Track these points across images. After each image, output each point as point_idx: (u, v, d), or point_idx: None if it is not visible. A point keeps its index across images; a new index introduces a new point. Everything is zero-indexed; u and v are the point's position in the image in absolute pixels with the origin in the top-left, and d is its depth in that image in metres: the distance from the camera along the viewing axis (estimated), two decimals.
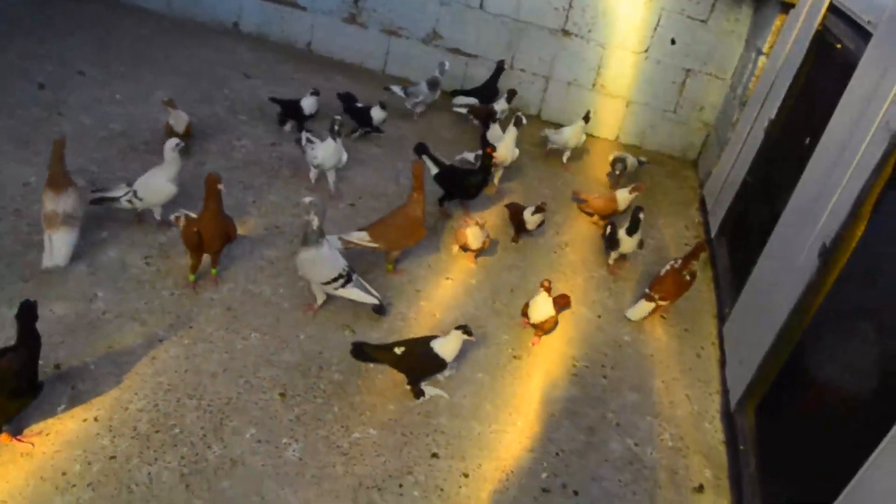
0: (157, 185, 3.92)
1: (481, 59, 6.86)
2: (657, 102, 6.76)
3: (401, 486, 2.88)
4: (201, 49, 6.62)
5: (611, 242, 4.64)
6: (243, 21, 7.20)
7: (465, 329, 3.24)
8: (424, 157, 4.72)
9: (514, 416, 3.38)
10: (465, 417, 3.30)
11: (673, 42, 6.46)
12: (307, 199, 3.53)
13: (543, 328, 3.76)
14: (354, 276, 3.63)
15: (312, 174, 4.76)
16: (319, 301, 3.69)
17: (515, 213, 4.68)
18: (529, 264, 4.57)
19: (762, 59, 5.65)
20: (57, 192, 3.56)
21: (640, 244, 4.61)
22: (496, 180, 5.37)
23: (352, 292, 3.62)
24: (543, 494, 3.01)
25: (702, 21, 6.35)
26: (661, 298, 4.21)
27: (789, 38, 5.10)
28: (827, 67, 4.35)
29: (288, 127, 5.50)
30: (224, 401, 3.06)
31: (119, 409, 2.91)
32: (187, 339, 3.33)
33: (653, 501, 3.10)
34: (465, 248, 4.34)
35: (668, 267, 4.28)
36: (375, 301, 3.66)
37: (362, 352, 3.28)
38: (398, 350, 3.25)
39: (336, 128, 4.56)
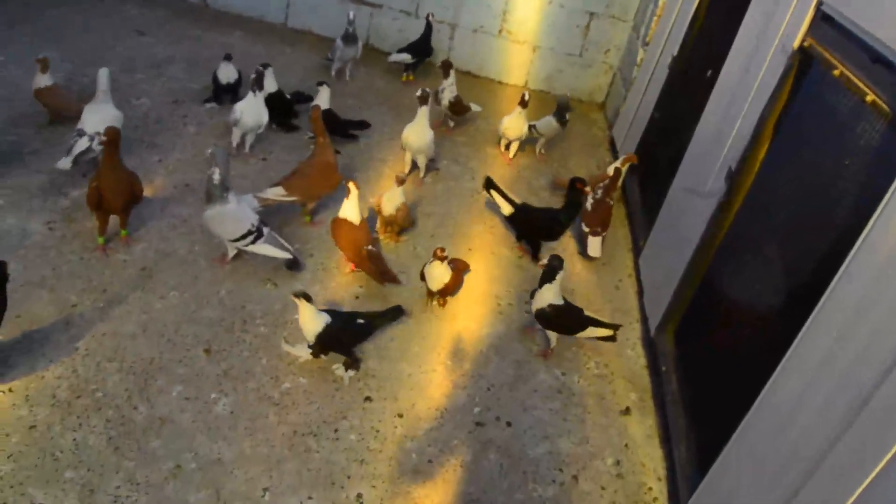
0: (111, 116, 3.91)
1: (386, 8, 6.74)
2: (562, 47, 6.81)
3: (336, 430, 2.87)
4: (84, 8, 6.24)
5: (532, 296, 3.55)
6: None
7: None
8: (493, 193, 4.25)
9: (442, 356, 3.41)
10: (395, 360, 3.31)
11: None
12: (209, 150, 3.40)
13: (444, 294, 3.69)
14: (266, 231, 3.53)
15: (235, 136, 4.51)
16: (230, 255, 3.60)
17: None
18: (446, 210, 4.57)
19: None
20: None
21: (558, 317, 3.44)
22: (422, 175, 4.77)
23: (263, 248, 3.52)
24: (477, 428, 3.07)
25: None
26: (603, 229, 4.42)
27: None
28: (723, 2, 4.47)
29: (208, 106, 5.10)
30: (147, 361, 2.96)
31: (35, 379, 2.77)
32: (101, 303, 3.20)
33: (583, 426, 3.20)
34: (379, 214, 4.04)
35: (591, 200, 4.46)
36: (288, 256, 3.56)
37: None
38: None
39: (258, 79, 4.34)
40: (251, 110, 4.38)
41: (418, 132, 4.57)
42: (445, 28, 6.78)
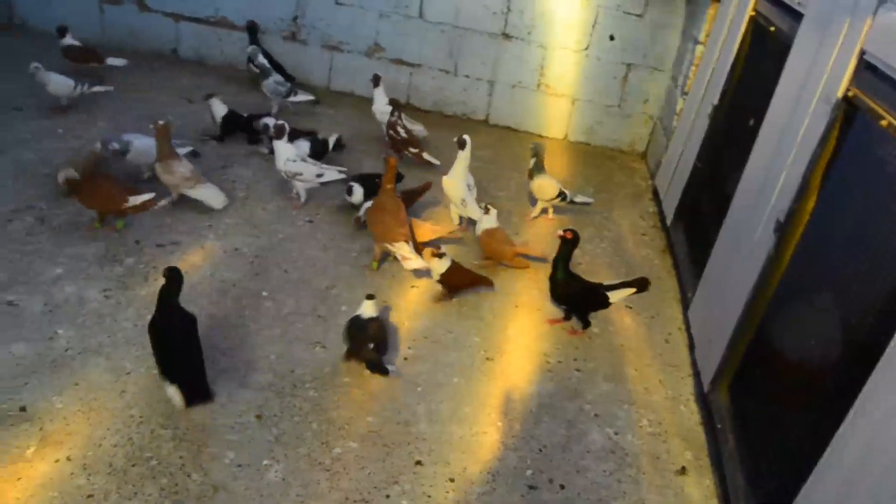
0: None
1: (425, 67, 6.88)
2: (601, 98, 6.86)
3: (388, 496, 2.85)
4: (140, 77, 6.50)
5: None
6: (181, 47, 7.11)
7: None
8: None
9: (493, 417, 3.38)
10: (445, 422, 3.28)
11: (612, 38, 6.57)
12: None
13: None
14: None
15: (301, 193, 4.86)
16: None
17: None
18: (492, 268, 4.57)
19: (699, 48, 5.79)
20: (173, 163, 4.41)
21: None
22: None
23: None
24: (531, 492, 3.01)
25: (638, 16, 6.49)
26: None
27: (724, 26, 5.24)
28: (763, 50, 4.47)
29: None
30: (199, 428, 2.99)
31: (92, 447, 2.82)
32: (155, 370, 3.25)
33: (638, 487, 3.13)
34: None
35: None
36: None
37: None
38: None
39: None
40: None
41: (459, 185, 4.73)
42: (484, 85, 6.89)
